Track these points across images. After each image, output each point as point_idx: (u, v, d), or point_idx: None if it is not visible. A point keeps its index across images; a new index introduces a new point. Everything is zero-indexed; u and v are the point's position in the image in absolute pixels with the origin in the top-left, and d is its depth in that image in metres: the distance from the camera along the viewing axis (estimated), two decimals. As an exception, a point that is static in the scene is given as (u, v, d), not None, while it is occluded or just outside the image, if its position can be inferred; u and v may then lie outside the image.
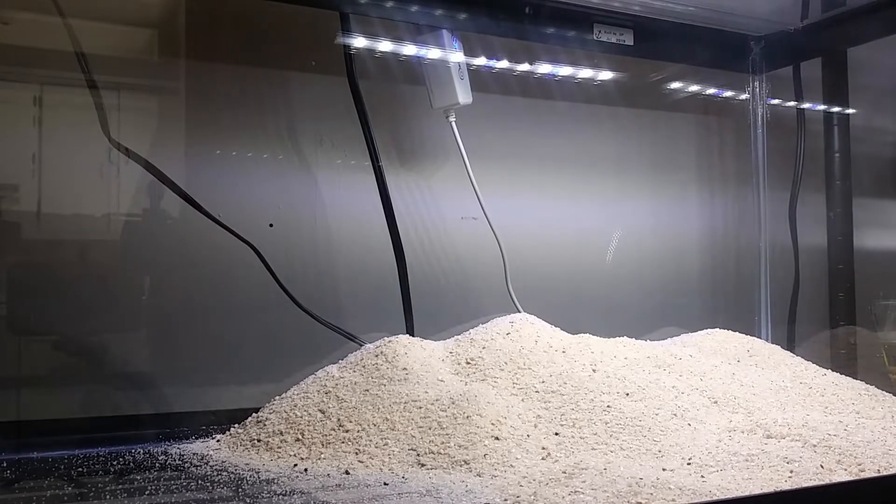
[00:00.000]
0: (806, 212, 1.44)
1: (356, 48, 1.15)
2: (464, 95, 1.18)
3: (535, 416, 0.89)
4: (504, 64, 1.27)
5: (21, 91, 1.04)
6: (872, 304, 1.36)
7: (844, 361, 1.35)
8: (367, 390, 0.92)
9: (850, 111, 1.42)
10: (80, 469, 0.83)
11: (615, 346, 1.08)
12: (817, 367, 1.14)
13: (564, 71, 1.32)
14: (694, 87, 1.48)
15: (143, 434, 0.99)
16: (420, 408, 0.87)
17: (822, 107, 1.43)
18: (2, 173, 1.03)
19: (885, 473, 0.73)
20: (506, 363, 0.98)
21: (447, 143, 1.22)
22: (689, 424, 0.88)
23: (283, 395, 0.96)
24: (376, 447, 0.83)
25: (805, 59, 1.44)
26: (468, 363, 1.00)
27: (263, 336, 1.13)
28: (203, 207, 1.07)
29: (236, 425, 0.95)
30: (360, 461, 0.81)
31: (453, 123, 1.20)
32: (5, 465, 0.84)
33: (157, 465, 0.85)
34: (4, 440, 0.94)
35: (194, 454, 0.88)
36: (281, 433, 0.88)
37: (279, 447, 0.86)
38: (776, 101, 1.46)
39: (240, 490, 0.73)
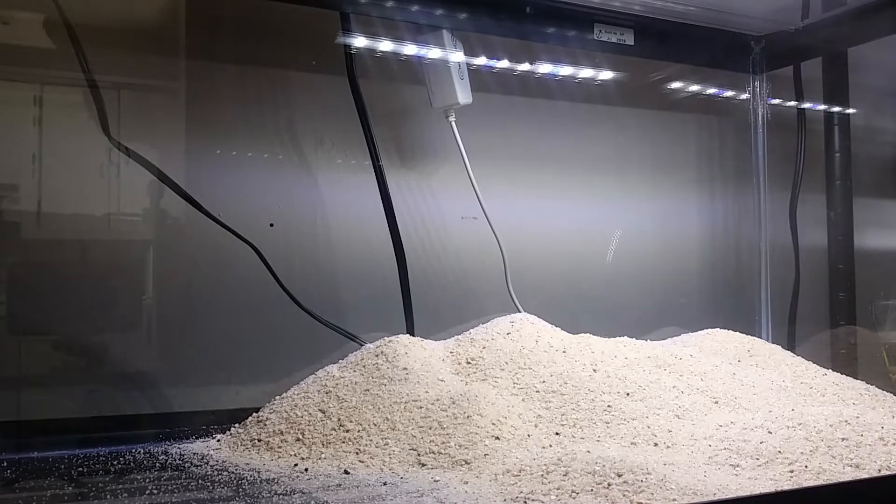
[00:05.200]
0: (806, 212, 1.44)
1: (356, 48, 1.15)
2: (464, 95, 1.18)
3: (536, 415, 0.89)
4: (504, 64, 1.27)
5: (21, 91, 1.04)
6: (873, 304, 1.36)
7: (845, 361, 1.35)
8: (368, 390, 0.92)
9: (851, 111, 1.42)
10: (80, 469, 0.83)
11: (616, 346, 1.08)
12: (818, 367, 1.14)
13: (565, 71, 1.32)
14: (694, 87, 1.48)
15: (144, 434, 0.99)
16: (420, 407, 0.87)
17: (822, 107, 1.43)
18: (2, 173, 1.03)
19: (885, 473, 0.73)
20: (506, 363, 0.98)
21: (447, 143, 1.22)
22: (692, 423, 0.88)
23: (284, 395, 0.96)
24: (377, 447, 0.83)
25: (805, 59, 1.44)
26: (468, 363, 1.00)
27: (263, 336, 1.13)
28: (203, 207, 1.07)
29: (237, 425, 0.95)
30: (360, 461, 0.81)
31: (453, 123, 1.20)
32: (5, 464, 0.84)
33: (157, 464, 0.85)
34: (4, 440, 0.93)
35: (195, 454, 0.88)
36: (281, 433, 0.88)
37: (279, 447, 0.86)
38: (776, 101, 1.46)
39: (240, 490, 0.73)
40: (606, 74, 1.35)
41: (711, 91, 1.49)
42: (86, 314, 1.05)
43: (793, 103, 1.45)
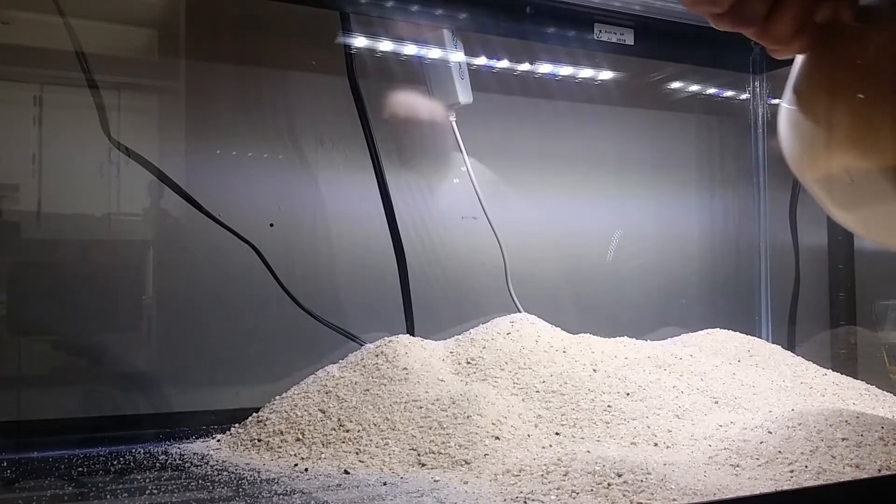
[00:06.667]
0: (806, 212, 1.44)
1: (356, 48, 1.15)
2: (464, 95, 1.18)
3: (536, 415, 0.89)
4: (505, 64, 1.27)
5: (21, 91, 1.04)
6: (873, 304, 1.36)
7: (845, 361, 1.35)
8: (368, 390, 0.92)
9: (851, 111, 1.41)
10: (80, 469, 0.83)
11: (616, 346, 1.08)
12: (818, 367, 1.14)
13: (565, 70, 1.32)
14: (694, 87, 1.48)
15: (143, 434, 0.98)
16: (420, 407, 0.87)
17: (822, 106, 1.43)
18: (2, 173, 1.03)
19: (885, 473, 0.73)
20: (506, 363, 0.98)
21: (447, 143, 1.22)
22: (692, 423, 0.88)
23: (284, 395, 0.96)
24: (377, 447, 0.83)
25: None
26: (469, 363, 1.00)
27: (263, 336, 1.13)
28: (203, 207, 1.07)
29: (237, 425, 0.95)
30: (360, 461, 0.81)
31: (454, 123, 1.20)
32: (5, 464, 0.84)
33: (157, 464, 0.85)
34: (4, 440, 0.93)
35: (195, 454, 0.88)
36: (281, 433, 0.88)
37: (279, 447, 0.86)
38: (776, 101, 1.45)
39: (240, 490, 0.73)
40: (606, 74, 1.35)
41: (711, 91, 1.49)
42: (86, 314, 1.05)
43: (793, 103, 1.45)
